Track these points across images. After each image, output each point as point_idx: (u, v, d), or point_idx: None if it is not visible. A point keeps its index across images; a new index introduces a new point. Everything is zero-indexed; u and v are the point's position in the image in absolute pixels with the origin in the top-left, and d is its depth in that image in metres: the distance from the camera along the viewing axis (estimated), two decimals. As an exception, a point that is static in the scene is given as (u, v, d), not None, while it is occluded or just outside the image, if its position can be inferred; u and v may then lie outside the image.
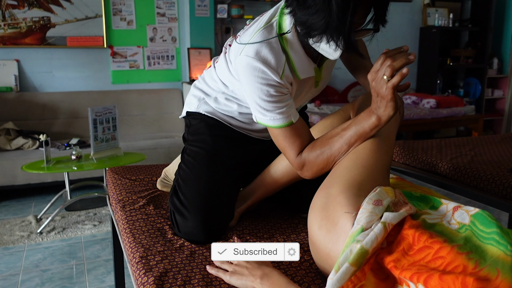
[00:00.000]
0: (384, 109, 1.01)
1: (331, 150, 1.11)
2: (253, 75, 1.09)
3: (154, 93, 4.28)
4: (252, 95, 1.12)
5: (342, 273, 0.78)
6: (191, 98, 1.40)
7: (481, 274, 0.71)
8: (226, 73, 1.25)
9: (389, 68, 0.94)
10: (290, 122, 1.13)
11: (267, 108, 1.12)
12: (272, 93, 1.10)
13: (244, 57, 1.10)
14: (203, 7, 4.20)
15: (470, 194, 1.82)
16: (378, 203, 0.90)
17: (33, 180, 3.29)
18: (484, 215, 0.84)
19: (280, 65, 1.10)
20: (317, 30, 0.99)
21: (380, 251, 0.84)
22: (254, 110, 1.16)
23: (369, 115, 1.05)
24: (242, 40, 1.14)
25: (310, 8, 0.97)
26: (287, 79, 1.13)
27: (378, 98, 1.00)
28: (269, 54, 1.08)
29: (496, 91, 5.55)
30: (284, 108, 1.12)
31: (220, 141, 1.31)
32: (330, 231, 0.93)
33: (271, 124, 1.14)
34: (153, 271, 1.02)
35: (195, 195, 1.24)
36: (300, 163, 1.15)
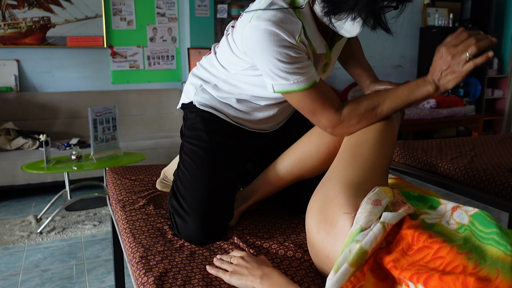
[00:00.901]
0: (447, 81, 1.03)
1: (375, 110, 1.11)
2: (268, 39, 1.03)
3: (154, 93, 4.29)
4: (268, 62, 1.06)
5: (341, 273, 0.78)
6: (188, 86, 1.37)
7: (481, 274, 0.71)
8: (228, 55, 1.21)
9: (475, 47, 0.96)
10: (314, 82, 1.09)
11: (289, 70, 1.06)
12: (292, 55, 1.05)
13: (255, 22, 1.04)
14: (203, 7, 4.20)
15: (470, 194, 1.82)
16: (377, 203, 0.90)
17: (33, 180, 3.29)
18: (483, 215, 0.84)
19: (297, 31, 1.05)
20: (345, 7, 0.97)
21: (379, 251, 0.84)
22: (272, 78, 1.10)
23: (425, 84, 1.06)
24: (253, 7, 1.09)
25: None
26: (303, 43, 1.09)
27: (448, 70, 1.01)
28: (284, 19, 1.04)
29: (496, 91, 5.55)
30: (306, 69, 1.08)
31: (216, 137, 1.28)
32: (329, 233, 0.93)
33: (295, 88, 1.08)
34: (153, 271, 1.02)
35: (193, 197, 1.23)
36: (339, 119, 1.12)
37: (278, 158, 1.31)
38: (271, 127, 1.39)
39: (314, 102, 1.11)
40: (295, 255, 1.11)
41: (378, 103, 1.11)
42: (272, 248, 1.14)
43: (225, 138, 1.30)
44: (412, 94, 1.08)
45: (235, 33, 1.16)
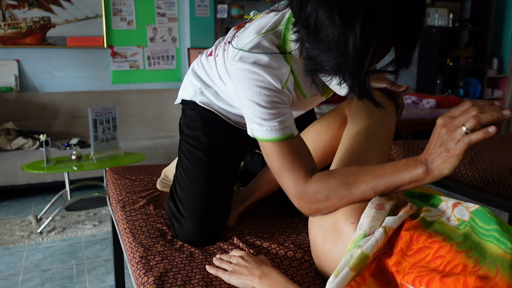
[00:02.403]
0: (441, 163, 0.81)
1: (351, 188, 0.91)
2: (250, 78, 0.94)
3: (154, 93, 4.29)
4: (248, 101, 0.96)
5: (342, 277, 0.78)
6: (188, 85, 1.31)
7: (481, 272, 0.71)
8: (224, 71, 1.17)
9: (473, 119, 0.76)
10: (291, 135, 0.97)
11: (265, 116, 0.95)
12: (272, 99, 0.95)
13: (239, 62, 0.95)
14: (203, 7, 4.20)
15: (470, 194, 1.83)
16: (380, 207, 0.89)
17: (33, 180, 3.30)
18: (483, 212, 0.84)
19: (284, 75, 0.96)
20: (327, 70, 0.82)
21: (382, 256, 0.84)
22: (249, 121, 1.00)
23: (415, 164, 0.86)
24: (239, 43, 0.99)
25: (321, 43, 0.79)
26: (289, 91, 1.00)
27: (441, 148, 0.81)
28: (271, 62, 0.94)
29: (496, 91, 5.55)
30: (283, 117, 0.96)
31: (214, 138, 1.27)
32: (336, 243, 0.92)
33: (267, 137, 0.96)
34: (153, 271, 1.02)
35: (190, 201, 1.23)
36: (304, 190, 0.95)
37: None
38: None
39: (282, 159, 0.96)
40: (295, 255, 1.11)
41: (354, 179, 0.91)
42: (272, 248, 1.14)
43: (224, 138, 1.29)
44: (398, 175, 0.87)
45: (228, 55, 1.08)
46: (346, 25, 0.74)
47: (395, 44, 0.81)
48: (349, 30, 0.74)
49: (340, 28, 0.75)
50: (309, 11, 0.79)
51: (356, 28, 0.74)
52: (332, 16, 0.75)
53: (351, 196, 0.91)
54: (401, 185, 0.88)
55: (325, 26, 0.77)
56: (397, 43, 0.81)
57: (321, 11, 0.76)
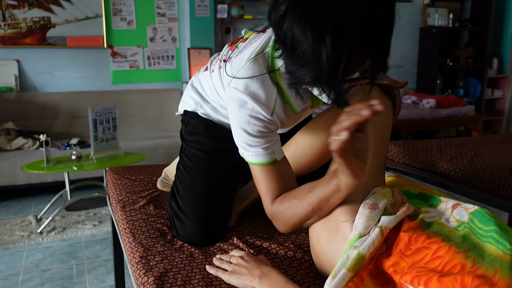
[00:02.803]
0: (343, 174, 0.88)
1: (297, 209, 1.00)
2: (241, 107, 1.02)
3: (154, 93, 4.29)
4: (237, 127, 1.05)
5: (339, 279, 0.78)
6: (188, 98, 1.37)
7: (479, 272, 0.71)
8: (220, 86, 1.21)
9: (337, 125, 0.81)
10: (274, 160, 1.05)
11: (251, 143, 1.04)
12: (259, 129, 1.03)
13: (232, 89, 1.03)
14: (203, 7, 4.20)
15: (470, 194, 1.83)
16: (374, 207, 0.89)
17: (33, 180, 3.30)
18: (483, 213, 0.84)
19: (271, 101, 1.03)
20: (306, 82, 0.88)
21: (379, 256, 0.84)
22: (237, 143, 1.09)
23: (331, 178, 0.93)
24: (232, 70, 1.06)
25: (299, 58, 0.85)
26: (278, 116, 1.07)
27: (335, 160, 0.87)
28: (260, 89, 1.02)
29: (496, 91, 5.55)
30: (268, 144, 1.05)
31: (217, 141, 1.29)
32: (330, 242, 0.93)
33: (253, 161, 1.05)
34: (153, 271, 1.02)
35: (192, 200, 1.23)
36: (271, 212, 1.07)
37: None
38: None
39: (262, 181, 1.06)
40: (295, 255, 1.11)
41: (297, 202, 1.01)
42: (272, 248, 1.14)
43: (226, 143, 1.30)
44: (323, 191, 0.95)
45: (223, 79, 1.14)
46: (318, 41, 0.80)
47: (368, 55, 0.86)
48: (321, 45, 0.80)
49: (313, 44, 0.80)
50: (285, 29, 0.85)
51: (327, 43, 0.79)
52: (305, 33, 0.81)
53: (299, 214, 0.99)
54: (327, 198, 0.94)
55: (300, 42, 0.83)
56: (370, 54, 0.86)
57: (296, 28, 0.83)
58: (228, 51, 1.16)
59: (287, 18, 0.83)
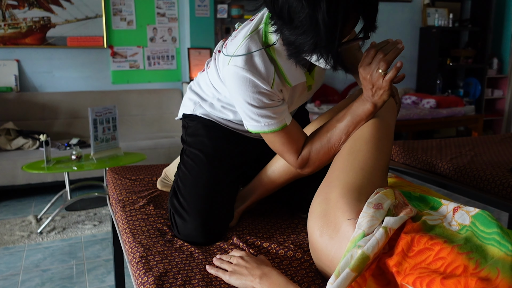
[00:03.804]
0: (380, 96, 1.05)
1: (329, 143, 1.13)
2: (243, 84, 1.07)
3: (154, 93, 4.29)
4: (242, 105, 1.11)
5: (343, 278, 0.77)
6: (187, 101, 1.40)
7: (482, 274, 0.71)
8: (216, 78, 1.24)
9: (383, 62, 0.99)
10: (284, 125, 1.13)
11: (261, 114, 1.10)
12: (265, 101, 1.09)
13: (232, 67, 1.08)
14: (203, 7, 4.20)
15: (470, 194, 1.83)
16: (378, 207, 0.89)
17: (33, 180, 3.30)
18: (484, 215, 0.84)
19: (270, 75, 1.08)
20: (306, 50, 0.97)
21: (382, 256, 0.84)
22: (245, 119, 1.15)
23: (363, 103, 1.08)
24: (228, 51, 1.11)
25: (297, 28, 0.94)
26: (277, 87, 1.12)
27: (374, 88, 1.03)
28: (258, 64, 1.07)
29: (496, 91, 5.55)
30: (277, 113, 1.12)
31: (218, 142, 1.30)
32: (333, 238, 0.93)
33: (266, 130, 1.13)
34: (153, 271, 1.02)
35: (194, 198, 1.24)
36: (301, 162, 1.16)
37: (274, 157, 1.31)
38: None
39: (282, 144, 1.15)
40: (295, 255, 1.11)
41: (327, 135, 1.13)
42: (272, 248, 1.14)
43: (227, 143, 1.32)
44: (357, 116, 1.10)
45: (219, 62, 1.19)
46: (314, 8, 0.89)
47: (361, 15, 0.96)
48: (317, 12, 0.89)
49: (310, 12, 0.89)
50: (280, 3, 0.94)
51: (322, 9, 0.88)
52: (300, 3, 0.90)
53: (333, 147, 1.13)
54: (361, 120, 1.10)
55: (297, 12, 0.92)
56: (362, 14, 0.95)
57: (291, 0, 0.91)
58: (222, 43, 1.22)
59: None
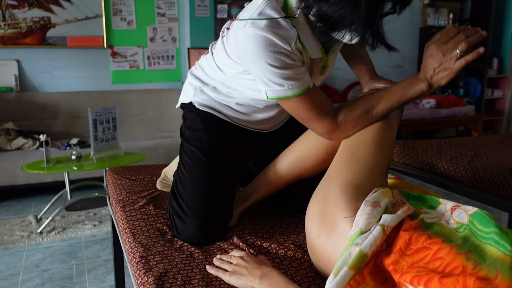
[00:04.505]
0: (440, 79, 1.01)
1: (369, 114, 1.10)
2: (262, 45, 1.01)
3: (154, 93, 4.29)
4: (263, 68, 1.04)
5: (341, 277, 0.78)
6: (187, 86, 1.35)
7: (480, 274, 0.71)
8: (223, 57, 1.19)
9: (465, 43, 0.95)
10: (308, 87, 1.08)
11: (283, 76, 1.04)
12: (286, 61, 1.03)
13: (249, 28, 1.02)
14: (203, 7, 4.20)
15: (470, 194, 1.82)
16: (375, 205, 0.89)
17: (33, 180, 3.30)
18: (482, 214, 0.84)
19: (292, 38, 1.03)
20: (341, 26, 0.94)
21: (379, 254, 0.84)
22: (266, 84, 1.08)
23: (417, 82, 1.05)
24: (244, 14, 1.06)
25: (334, 4, 0.90)
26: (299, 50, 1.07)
27: (440, 68, 0.99)
28: (279, 26, 1.02)
29: (496, 91, 5.55)
30: (300, 75, 1.06)
31: (215, 137, 1.28)
32: (330, 236, 0.93)
33: (290, 93, 1.07)
34: (153, 271, 1.02)
35: (193, 199, 1.23)
36: (334, 126, 1.11)
37: (277, 158, 1.31)
38: (271, 127, 1.39)
39: (308, 109, 1.10)
40: (295, 255, 1.11)
41: (372, 105, 1.10)
42: (272, 248, 1.14)
43: (225, 138, 1.29)
44: (406, 93, 1.08)
45: (229, 36, 1.14)
46: None
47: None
48: None
49: None
50: None
51: None
52: None
53: (373, 118, 1.11)
54: (409, 100, 1.09)
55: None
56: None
57: None
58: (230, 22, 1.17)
59: None
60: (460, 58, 0.96)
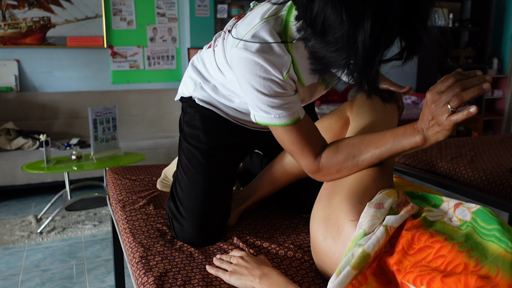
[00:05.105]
0: (435, 133, 0.88)
1: (356, 161, 0.99)
2: (252, 69, 0.95)
3: (154, 93, 4.29)
4: (250, 92, 0.98)
5: (344, 276, 0.77)
6: (187, 79, 1.31)
7: (482, 272, 0.71)
8: (222, 60, 1.14)
9: (456, 99, 0.81)
10: (298, 119, 1.01)
11: (271, 104, 0.98)
12: (276, 89, 0.97)
13: (241, 50, 0.95)
14: (203, 7, 4.20)
15: (470, 194, 1.83)
16: (379, 206, 0.89)
17: (33, 180, 3.30)
18: (485, 212, 0.84)
19: (285, 65, 0.96)
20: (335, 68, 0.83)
21: (383, 255, 0.84)
22: (254, 109, 1.02)
23: (413, 132, 0.92)
24: (239, 32, 0.98)
25: (329, 44, 0.78)
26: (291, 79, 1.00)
27: (433, 121, 0.86)
28: (272, 52, 0.94)
29: (496, 91, 5.55)
30: (290, 104, 0.99)
31: (214, 136, 1.26)
32: (336, 240, 0.93)
33: (277, 123, 1.00)
34: (153, 271, 1.02)
35: (191, 203, 1.23)
36: (317, 168, 1.03)
37: (276, 157, 1.30)
38: None
39: (293, 143, 1.02)
40: (295, 255, 1.11)
41: (360, 150, 0.99)
42: (272, 248, 1.14)
43: (223, 137, 1.28)
44: (399, 143, 0.94)
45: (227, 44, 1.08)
46: (355, 27, 0.73)
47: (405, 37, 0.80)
48: (358, 31, 0.73)
49: (350, 30, 0.73)
50: (315, 11, 0.77)
51: (366, 29, 0.72)
52: (340, 18, 0.73)
53: (359, 166, 1.00)
54: (402, 151, 0.96)
55: (333, 28, 0.75)
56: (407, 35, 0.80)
57: (329, 12, 0.75)
58: (235, 22, 1.09)
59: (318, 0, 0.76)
60: (452, 113, 0.82)
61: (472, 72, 0.83)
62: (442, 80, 0.84)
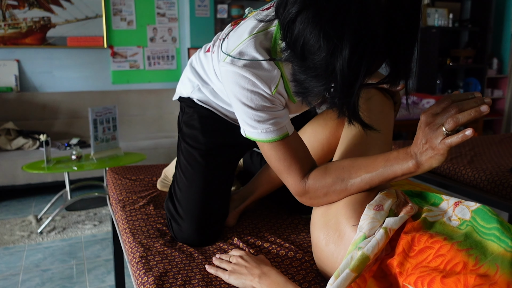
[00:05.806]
0: (429, 158, 0.83)
1: (345, 186, 0.94)
2: (239, 82, 0.92)
3: (154, 93, 4.29)
4: (239, 104, 0.95)
5: (342, 279, 0.77)
6: (186, 80, 1.29)
7: (481, 270, 0.71)
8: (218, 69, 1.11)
9: (452, 121, 0.76)
10: (286, 135, 0.96)
11: (257, 118, 0.94)
12: (263, 103, 0.93)
13: (229, 65, 0.92)
14: (203, 7, 4.20)
15: (470, 194, 1.83)
16: (379, 208, 0.89)
17: (33, 180, 3.30)
18: (484, 210, 0.84)
19: (274, 81, 0.93)
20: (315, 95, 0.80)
21: (384, 258, 0.84)
22: (242, 124, 0.99)
23: (406, 157, 0.87)
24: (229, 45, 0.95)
25: (309, 69, 0.75)
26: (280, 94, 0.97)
27: (427, 145, 0.81)
28: (259, 67, 0.92)
29: (495, 91, 5.55)
30: (277, 119, 0.95)
31: (212, 137, 1.25)
32: (338, 245, 0.92)
33: (264, 138, 0.96)
34: (153, 271, 1.02)
35: (189, 204, 1.23)
36: (303, 190, 0.98)
37: None
38: None
39: (280, 160, 0.97)
40: (295, 255, 1.11)
41: (349, 174, 0.94)
42: (272, 248, 1.14)
43: (222, 137, 1.27)
44: (390, 168, 0.89)
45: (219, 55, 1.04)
46: (333, 53, 0.70)
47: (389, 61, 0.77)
48: (335, 58, 0.70)
49: (327, 57, 0.71)
50: (295, 34, 0.74)
51: (344, 56, 0.69)
52: (318, 43, 0.71)
53: (348, 190, 0.95)
54: (394, 177, 0.90)
55: (312, 53, 0.72)
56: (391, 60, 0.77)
57: (308, 35, 0.72)
58: (230, 30, 1.06)
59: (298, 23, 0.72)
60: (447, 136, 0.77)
61: (470, 93, 0.79)
62: (438, 102, 0.80)
